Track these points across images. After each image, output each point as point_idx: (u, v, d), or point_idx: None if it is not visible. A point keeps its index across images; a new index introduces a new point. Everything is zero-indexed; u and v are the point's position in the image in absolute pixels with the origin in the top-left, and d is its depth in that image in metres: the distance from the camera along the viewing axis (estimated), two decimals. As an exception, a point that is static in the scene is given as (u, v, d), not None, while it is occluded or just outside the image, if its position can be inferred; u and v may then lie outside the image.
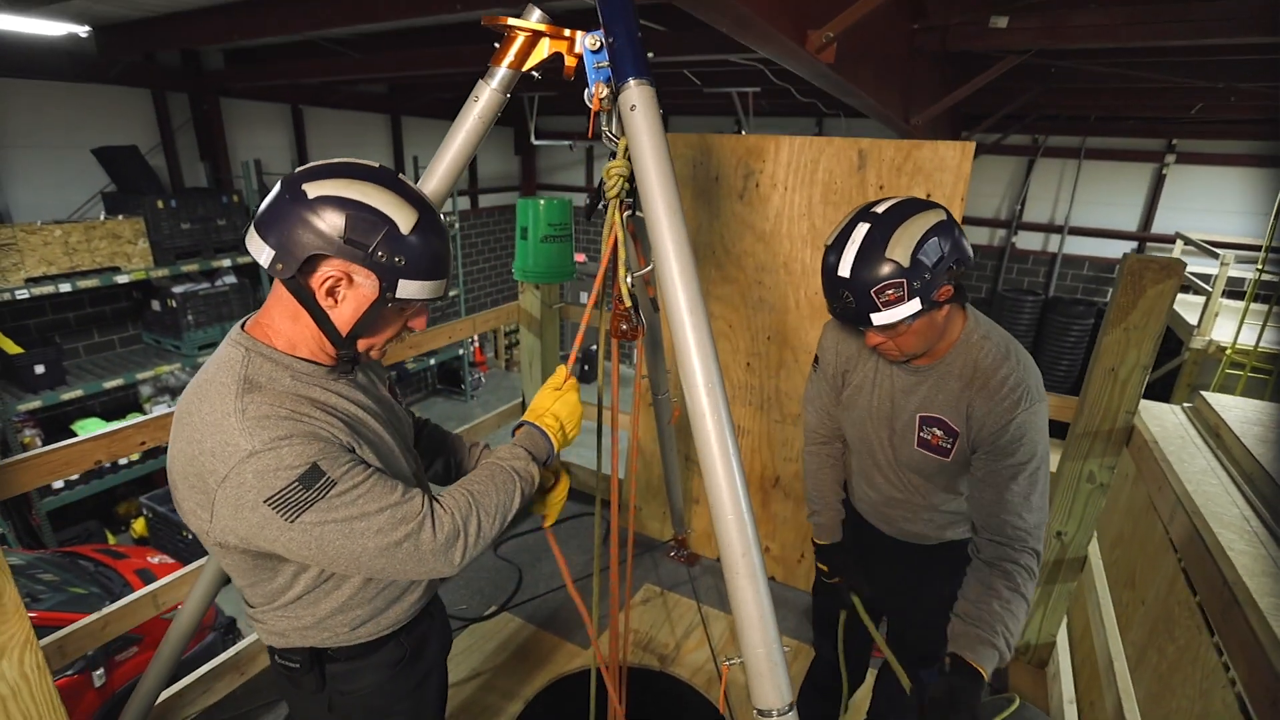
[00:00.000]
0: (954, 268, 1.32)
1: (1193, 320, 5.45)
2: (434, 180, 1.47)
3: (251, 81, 5.70)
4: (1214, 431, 1.98)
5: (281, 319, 1.08)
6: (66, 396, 4.65)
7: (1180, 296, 5.91)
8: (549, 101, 7.50)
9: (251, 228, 1.03)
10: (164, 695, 2.12)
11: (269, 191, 1.06)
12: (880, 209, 1.34)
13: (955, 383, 1.45)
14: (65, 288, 4.49)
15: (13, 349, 4.50)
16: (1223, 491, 1.64)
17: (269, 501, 0.96)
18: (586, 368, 8.38)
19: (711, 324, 1.15)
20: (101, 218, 4.86)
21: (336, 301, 1.05)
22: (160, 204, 4.94)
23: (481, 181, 9.27)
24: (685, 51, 3.74)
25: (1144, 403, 2.13)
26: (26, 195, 4.84)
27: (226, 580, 1.82)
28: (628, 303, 1.42)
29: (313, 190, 0.99)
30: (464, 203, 9.02)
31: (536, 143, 7.98)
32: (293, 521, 0.97)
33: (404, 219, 1.03)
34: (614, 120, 1.31)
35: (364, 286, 1.04)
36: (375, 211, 1.01)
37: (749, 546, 1.08)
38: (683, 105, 7.59)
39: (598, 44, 1.22)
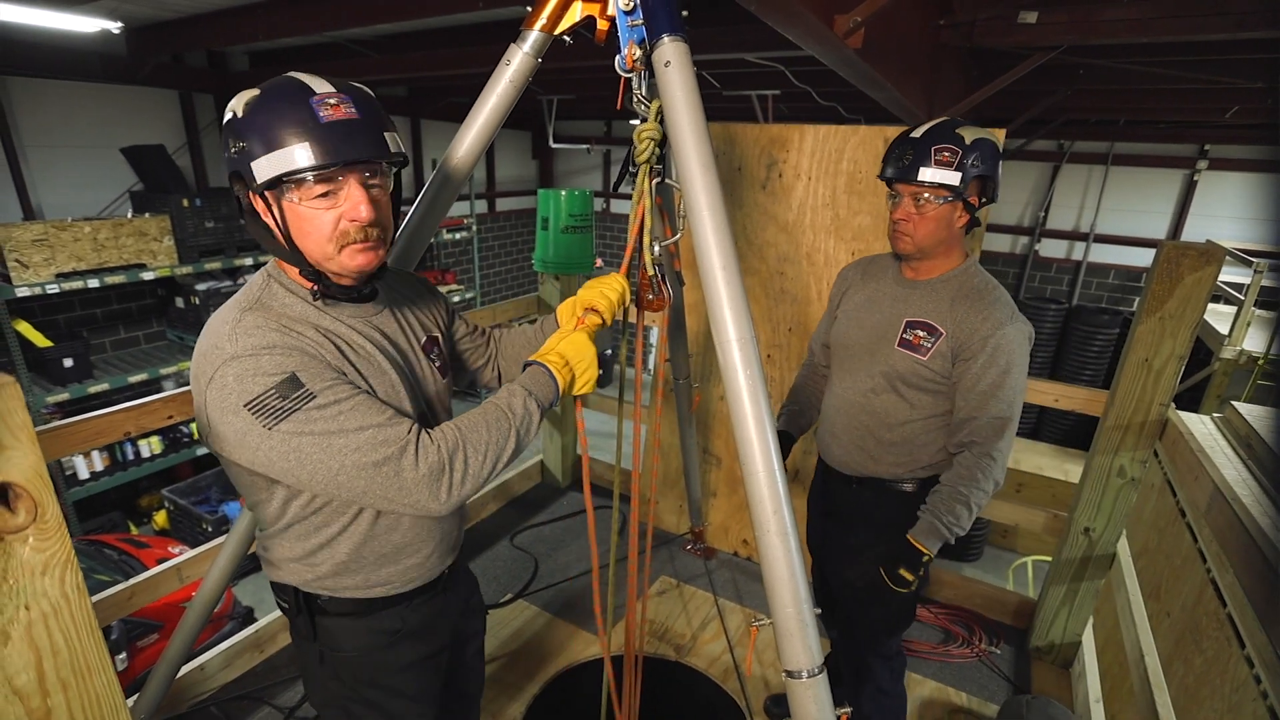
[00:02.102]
0: (985, 183, 1.56)
1: (1224, 330, 5.34)
2: (464, 146, 1.47)
3: (276, 82, 5.79)
4: (1245, 442, 1.92)
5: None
6: (93, 390, 4.71)
7: (1211, 306, 5.80)
8: (567, 105, 7.54)
9: None
10: (186, 669, 2.13)
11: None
12: (958, 117, 1.62)
13: (946, 296, 1.64)
14: (94, 283, 4.55)
15: (43, 342, 4.57)
16: (1255, 503, 1.59)
17: (249, 406, 0.97)
18: (600, 372, 8.35)
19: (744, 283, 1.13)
20: (129, 215, 4.93)
21: (269, 221, 1.04)
22: (185, 203, 5.00)
23: (499, 185, 9.32)
24: (704, 51, 3.74)
25: (1178, 412, 2.08)
26: (58, 193, 4.93)
27: (244, 561, 1.85)
28: (651, 271, 1.40)
29: None
30: (481, 206, 9.07)
31: (554, 146, 8.01)
32: (271, 429, 0.97)
33: (240, 103, 0.98)
34: (643, 86, 1.30)
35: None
36: (230, 111, 0.99)
37: (780, 503, 1.06)
38: (703, 110, 7.60)
39: (630, 4, 1.22)
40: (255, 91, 0.98)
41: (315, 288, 1.09)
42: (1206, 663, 1.59)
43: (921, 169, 1.52)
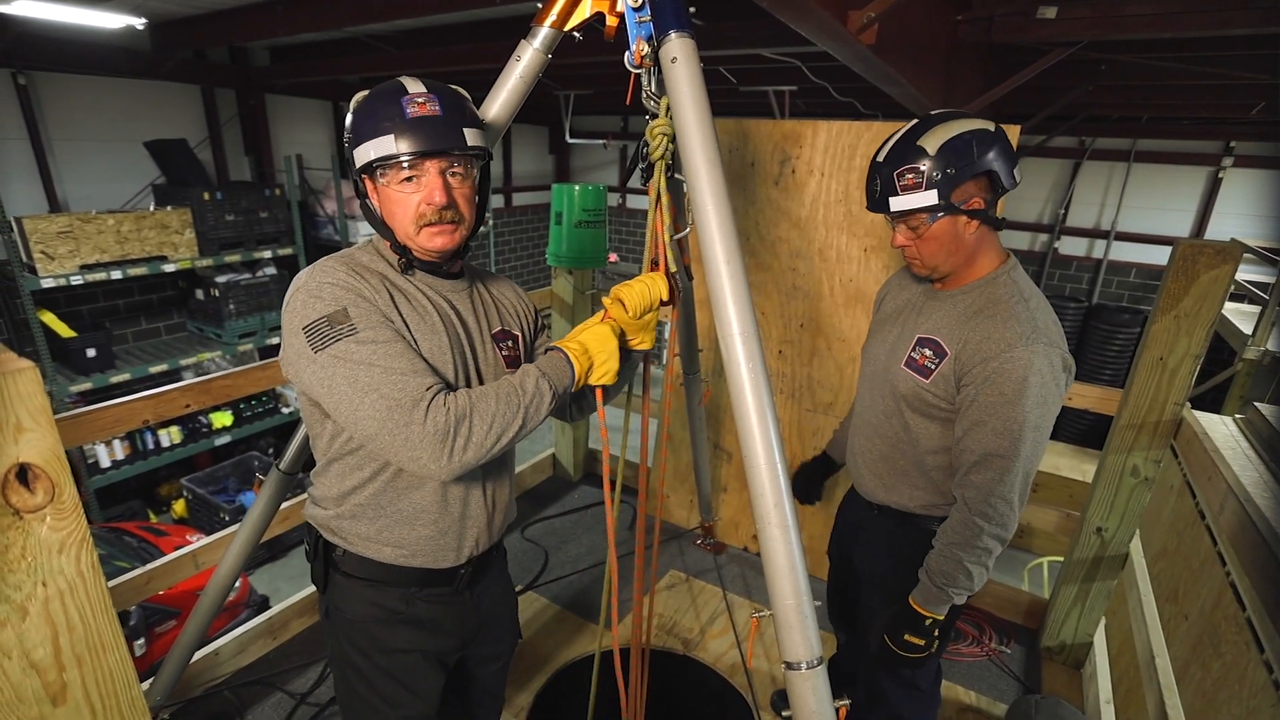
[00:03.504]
0: (986, 179, 1.36)
1: (1248, 330, 5.26)
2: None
3: (295, 78, 5.84)
4: (1268, 444, 1.89)
5: None
6: (115, 379, 4.81)
7: (1235, 305, 5.72)
8: (583, 100, 7.55)
9: None
10: (200, 654, 2.18)
11: (309, 187, 1.19)
12: (935, 112, 1.41)
13: (961, 310, 1.45)
14: (116, 275, 4.64)
15: (67, 333, 4.66)
16: (1276, 506, 1.58)
17: (305, 329, 1.10)
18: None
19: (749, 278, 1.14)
20: (151, 208, 5.01)
21: (371, 200, 1.21)
22: (206, 196, 5.08)
23: (516, 180, 9.37)
24: (720, 46, 3.74)
25: (1193, 412, 2.06)
26: (83, 186, 5.02)
27: (259, 549, 1.89)
28: (674, 268, 1.41)
29: None
30: (498, 200, 9.12)
31: (571, 141, 8.03)
32: (317, 352, 1.09)
33: (354, 101, 1.16)
34: (654, 82, 1.31)
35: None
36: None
37: (781, 497, 1.07)
38: (719, 105, 7.55)
39: (639, 0, 1.23)
40: (366, 92, 1.16)
41: (402, 260, 1.22)
42: (1224, 667, 1.57)
43: (891, 199, 1.39)
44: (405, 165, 1.12)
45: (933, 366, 1.46)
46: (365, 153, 1.12)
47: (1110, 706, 2.13)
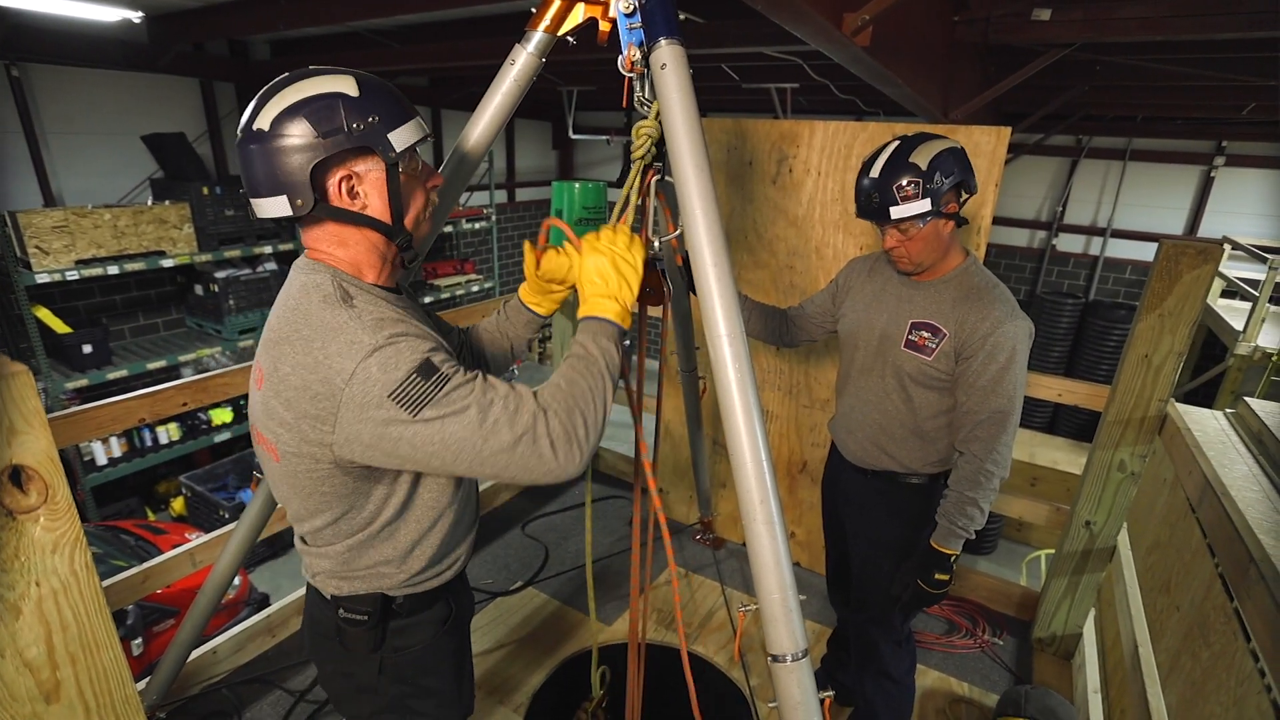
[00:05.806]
0: (959, 187, 1.63)
1: (1239, 325, 5.29)
2: (470, 141, 1.49)
3: (295, 72, 5.83)
4: (1257, 438, 1.92)
5: (332, 250, 1.08)
6: (112, 376, 4.78)
7: (1227, 302, 5.76)
8: (587, 96, 7.54)
9: (251, 202, 1.05)
10: (198, 653, 2.19)
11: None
12: (909, 133, 1.67)
13: (949, 297, 1.71)
14: (113, 270, 4.61)
15: (62, 329, 4.64)
16: (1264, 498, 1.59)
17: (393, 396, 0.95)
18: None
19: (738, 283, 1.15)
20: (149, 203, 4.99)
21: (364, 200, 1.05)
22: (205, 191, 5.04)
23: (519, 175, 9.35)
24: (722, 44, 3.74)
25: (1184, 407, 2.09)
26: (79, 180, 4.98)
27: (258, 547, 1.88)
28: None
29: (261, 122, 1.00)
30: (501, 195, 9.10)
31: (574, 137, 8.01)
32: (415, 416, 0.96)
33: (348, 86, 1.02)
34: (647, 86, 1.32)
35: (370, 168, 1.04)
36: (322, 95, 1.00)
37: (767, 493, 1.09)
38: (720, 101, 7.58)
39: (631, 7, 1.23)
40: (348, 77, 1.03)
41: (408, 252, 1.13)
42: (1213, 656, 1.59)
43: (891, 208, 1.61)
44: (417, 150, 1.09)
45: (933, 346, 1.71)
46: (407, 134, 1.05)
47: (1098, 696, 2.15)
